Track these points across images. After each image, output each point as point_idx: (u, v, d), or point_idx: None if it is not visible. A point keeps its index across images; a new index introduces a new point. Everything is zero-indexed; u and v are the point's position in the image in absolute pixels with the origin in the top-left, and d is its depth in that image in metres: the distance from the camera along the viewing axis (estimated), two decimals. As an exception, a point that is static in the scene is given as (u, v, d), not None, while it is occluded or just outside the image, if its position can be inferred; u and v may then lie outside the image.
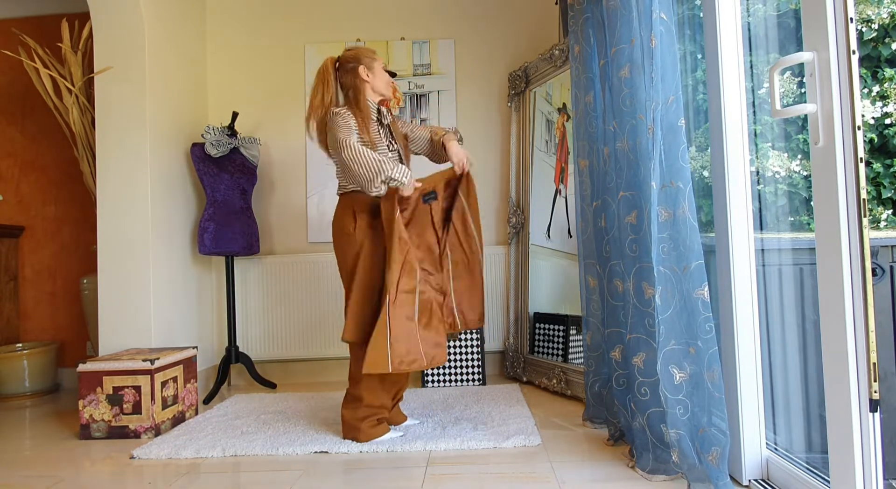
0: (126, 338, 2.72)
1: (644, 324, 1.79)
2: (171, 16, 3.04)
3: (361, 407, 2.13)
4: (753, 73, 1.79)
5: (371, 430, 2.13)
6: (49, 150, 3.64)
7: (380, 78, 2.23)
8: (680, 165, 1.64)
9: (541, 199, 3.12)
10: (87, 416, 2.35)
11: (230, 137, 3.12)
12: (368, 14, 3.46)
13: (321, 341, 3.32)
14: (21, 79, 3.57)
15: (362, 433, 2.12)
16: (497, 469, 1.84)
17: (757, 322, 1.66)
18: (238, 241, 3.06)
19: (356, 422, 2.13)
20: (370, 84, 2.21)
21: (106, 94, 2.77)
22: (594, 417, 2.24)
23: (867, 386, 1.16)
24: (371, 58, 2.23)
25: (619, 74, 1.91)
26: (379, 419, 2.16)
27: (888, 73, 2.19)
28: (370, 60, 2.22)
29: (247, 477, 1.88)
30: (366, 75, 2.20)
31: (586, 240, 2.25)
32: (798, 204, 1.84)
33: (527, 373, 3.05)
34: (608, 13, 1.97)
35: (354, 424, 2.13)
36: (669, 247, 1.68)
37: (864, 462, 1.18)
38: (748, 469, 1.64)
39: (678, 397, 1.63)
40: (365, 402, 2.12)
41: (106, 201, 2.76)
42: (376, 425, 2.15)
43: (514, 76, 3.31)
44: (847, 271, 1.19)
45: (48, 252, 3.64)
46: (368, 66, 2.21)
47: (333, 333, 3.32)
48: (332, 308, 3.31)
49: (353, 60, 2.21)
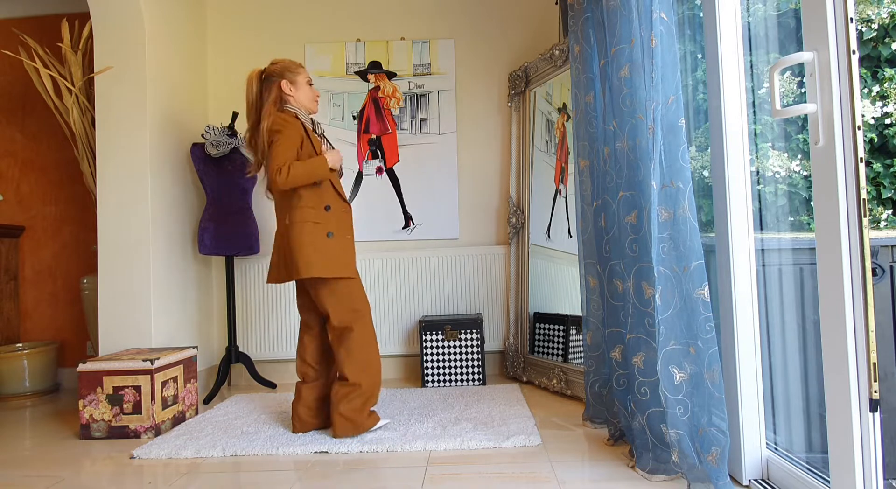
0: (126, 338, 2.72)
1: (644, 324, 1.79)
2: (171, 16, 3.04)
3: (361, 393, 2.18)
4: (753, 73, 1.79)
5: (369, 421, 2.19)
6: (49, 150, 3.64)
7: (302, 91, 2.29)
8: (680, 165, 1.64)
9: (541, 199, 3.12)
10: (87, 416, 2.35)
11: (230, 137, 3.12)
12: (368, 14, 3.46)
13: (321, 341, 3.32)
14: (21, 79, 3.58)
15: (362, 426, 2.17)
16: (497, 469, 1.84)
17: (757, 322, 1.66)
18: (238, 241, 3.06)
19: (355, 414, 2.16)
20: (293, 97, 2.28)
21: (106, 94, 2.77)
22: (594, 417, 2.24)
23: (867, 386, 1.16)
24: (294, 72, 2.29)
25: (619, 74, 1.91)
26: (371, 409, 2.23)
27: (888, 73, 2.19)
28: (293, 74, 2.29)
29: (247, 477, 1.88)
30: (287, 89, 2.27)
31: (586, 240, 2.25)
32: (798, 204, 1.84)
33: (527, 373, 3.05)
34: (608, 13, 1.97)
35: (354, 417, 2.16)
36: (669, 247, 1.68)
37: (864, 462, 1.18)
38: (748, 469, 1.64)
39: (678, 397, 1.63)
40: (364, 387, 2.18)
41: (106, 201, 2.76)
42: (370, 415, 2.22)
43: (514, 76, 3.31)
44: (847, 271, 1.19)
45: (48, 252, 3.64)
46: (291, 80, 2.28)
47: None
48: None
49: (276, 75, 2.27)
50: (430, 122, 3.41)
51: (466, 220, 3.40)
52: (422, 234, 3.39)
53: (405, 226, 3.39)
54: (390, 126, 3.42)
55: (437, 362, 3.02)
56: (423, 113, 3.42)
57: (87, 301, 3.33)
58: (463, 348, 3.03)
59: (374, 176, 3.41)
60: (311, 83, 2.34)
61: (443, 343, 3.01)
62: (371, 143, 3.41)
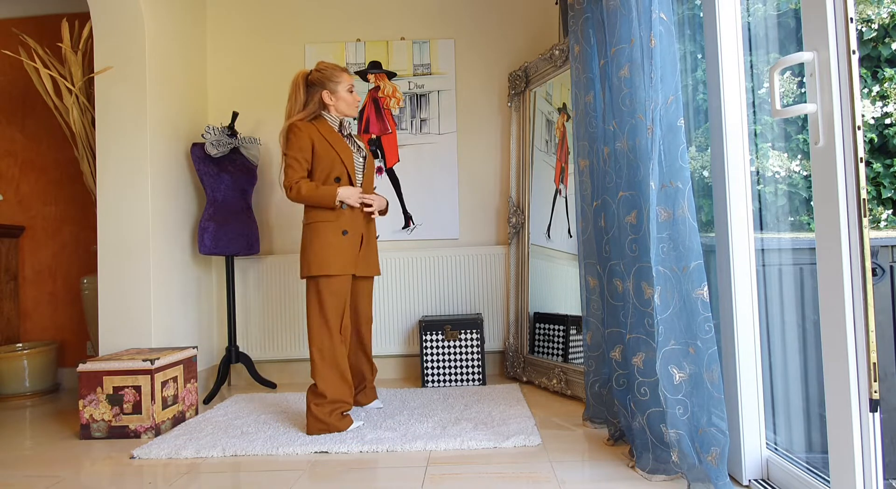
0: (126, 338, 2.72)
1: (644, 324, 1.79)
2: (171, 16, 3.04)
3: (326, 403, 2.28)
4: (753, 73, 1.79)
5: (339, 423, 2.27)
6: (49, 150, 3.64)
7: (342, 101, 2.40)
8: (680, 165, 1.64)
9: (541, 199, 3.12)
10: (87, 416, 2.35)
11: (230, 137, 3.12)
12: (368, 14, 3.46)
13: (321, 341, 3.32)
14: (21, 79, 3.58)
15: (332, 426, 2.26)
16: (497, 469, 1.84)
17: (757, 322, 1.66)
18: (238, 241, 3.06)
19: (325, 417, 2.25)
20: (333, 107, 2.40)
21: (106, 94, 2.77)
22: (594, 417, 2.24)
23: (867, 386, 1.16)
24: (335, 81, 2.38)
25: (619, 74, 1.91)
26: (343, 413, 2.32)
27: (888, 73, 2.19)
28: (334, 84, 2.38)
29: (247, 477, 1.88)
30: (329, 99, 2.39)
31: (586, 240, 2.25)
32: (798, 204, 1.84)
33: (527, 373, 3.05)
34: (608, 13, 1.97)
35: (322, 418, 2.25)
36: (669, 247, 1.68)
37: (864, 462, 1.18)
38: (748, 469, 1.64)
39: (678, 397, 1.63)
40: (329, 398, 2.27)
41: (106, 201, 2.76)
42: (342, 418, 2.29)
43: (514, 76, 3.31)
44: (847, 271, 1.19)
45: (48, 252, 3.64)
46: (332, 90, 2.37)
47: (333, 333, 3.32)
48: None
49: (318, 84, 2.37)
50: (430, 122, 3.41)
51: (466, 220, 3.40)
52: (422, 233, 3.39)
53: (405, 226, 3.39)
54: (390, 126, 3.42)
55: (437, 362, 3.01)
56: (423, 113, 3.42)
57: (87, 301, 3.33)
58: (463, 348, 3.03)
59: (375, 176, 3.40)
60: (352, 90, 2.42)
61: (443, 343, 3.01)
62: (371, 142, 3.41)
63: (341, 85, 2.38)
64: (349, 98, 2.41)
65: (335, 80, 2.37)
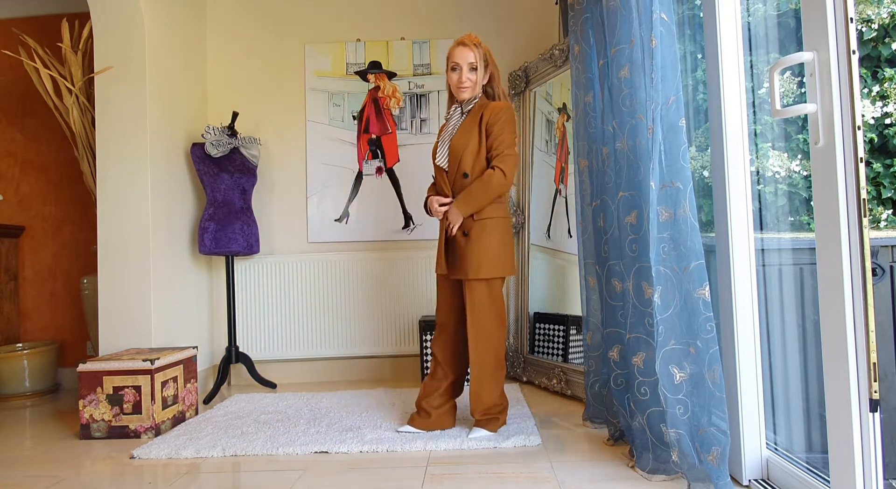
0: (126, 338, 2.72)
1: (644, 323, 1.79)
2: (171, 16, 3.04)
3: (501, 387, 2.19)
4: (753, 73, 1.79)
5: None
6: (49, 150, 3.64)
7: (449, 78, 2.24)
8: (680, 165, 1.64)
9: (541, 199, 3.12)
10: (87, 416, 2.35)
11: (230, 137, 3.12)
12: (368, 14, 3.46)
13: (321, 341, 3.32)
14: (21, 79, 3.57)
15: (500, 421, 2.18)
16: (497, 469, 1.84)
17: (757, 322, 1.66)
18: (238, 241, 3.06)
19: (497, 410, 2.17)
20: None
21: (106, 94, 2.77)
22: (594, 417, 2.24)
23: (867, 386, 1.16)
24: (447, 56, 2.24)
25: (619, 74, 1.91)
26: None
27: (888, 73, 2.19)
28: (448, 60, 2.23)
29: (247, 477, 1.88)
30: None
31: (586, 240, 2.25)
32: (798, 204, 1.84)
33: (527, 373, 3.05)
34: (608, 13, 1.97)
35: (496, 413, 2.17)
36: (669, 247, 1.68)
37: (864, 462, 1.18)
38: (748, 469, 1.64)
39: (678, 397, 1.63)
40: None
41: (106, 201, 2.76)
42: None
43: (514, 76, 3.31)
44: (847, 271, 1.19)
45: (48, 252, 3.64)
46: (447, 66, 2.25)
47: (334, 333, 3.32)
48: (332, 308, 3.32)
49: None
50: (430, 122, 3.41)
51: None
52: (422, 233, 3.38)
53: (405, 226, 3.39)
54: (390, 126, 3.42)
55: (437, 362, 3.01)
56: (423, 113, 3.42)
57: (87, 301, 3.33)
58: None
59: (374, 176, 3.41)
60: (453, 68, 2.21)
61: (443, 343, 3.01)
62: (371, 143, 3.41)
63: (448, 62, 2.23)
64: (450, 76, 2.23)
65: (448, 55, 2.24)
